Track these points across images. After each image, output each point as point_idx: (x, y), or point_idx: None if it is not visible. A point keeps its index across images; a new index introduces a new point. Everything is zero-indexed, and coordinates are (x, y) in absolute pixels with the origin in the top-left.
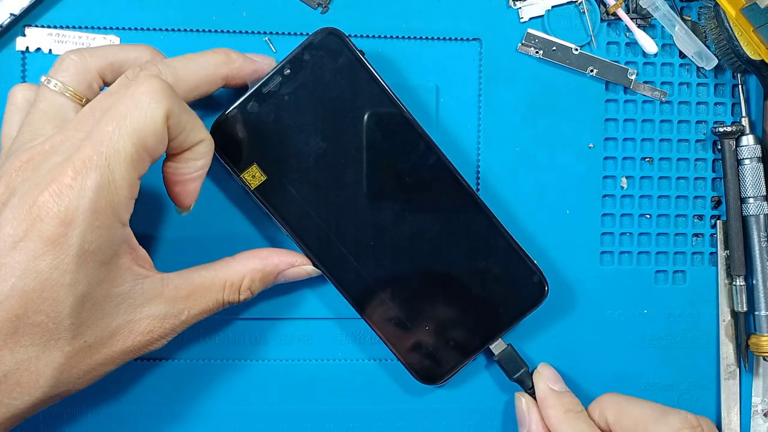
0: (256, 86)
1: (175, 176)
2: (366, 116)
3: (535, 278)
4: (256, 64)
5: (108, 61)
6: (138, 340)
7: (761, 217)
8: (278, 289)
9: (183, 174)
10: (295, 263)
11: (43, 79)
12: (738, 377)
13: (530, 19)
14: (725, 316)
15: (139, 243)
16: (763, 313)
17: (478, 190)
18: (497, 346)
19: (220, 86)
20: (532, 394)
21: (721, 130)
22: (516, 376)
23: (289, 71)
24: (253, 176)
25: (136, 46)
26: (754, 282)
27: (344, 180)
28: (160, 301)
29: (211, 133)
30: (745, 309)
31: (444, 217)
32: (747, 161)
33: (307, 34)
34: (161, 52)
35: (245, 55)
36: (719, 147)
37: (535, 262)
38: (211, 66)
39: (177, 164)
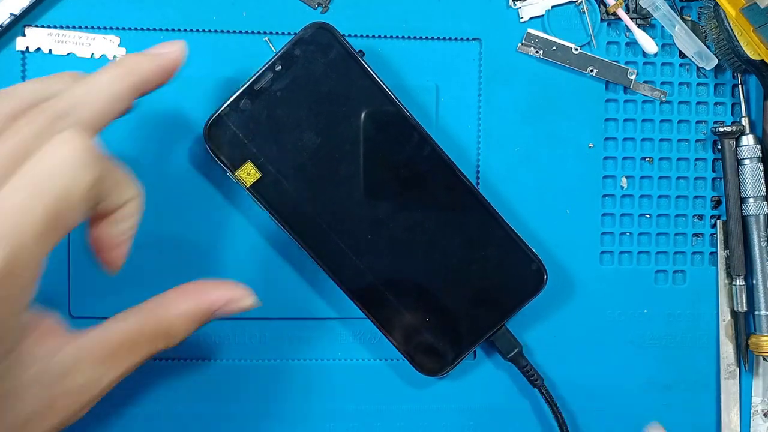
0: (248, 83)
1: (101, 241)
2: (359, 110)
3: (534, 266)
4: (161, 57)
5: (26, 102)
6: (55, 421)
7: (761, 217)
8: (278, 289)
9: (109, 238)
10: (233, 298)
11: None
12: (738, 377)
13: (530, 19)
14: (725, 316)
15: (140, 243)
16: (763, 313)
17: (478, 189)
18: None
19: (136, 97)
20: (526, 373)
21: (721, 130)
22: (510, 355)
23: (280, 67)
24: (248, 174)
25: (57, 79)
26: (754, 282)
27: (340, 174)
28: (76, 372)
29: (204, 132)
30: (745, 309)
31: (440, 208)
32: (747, 161)
33: None
34: (84, 78)
35: (144, 52)
36: (719, 147)
37: (534, 250)
38: (115, 83)
39: (102, 229)
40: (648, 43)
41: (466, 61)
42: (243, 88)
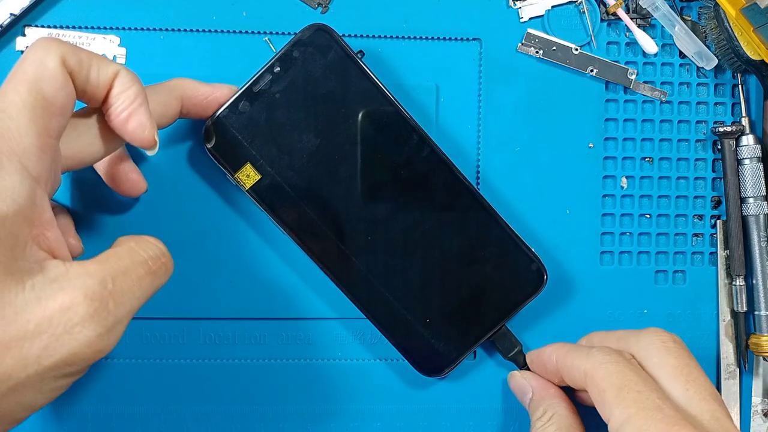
0: (247, 85)
1: (119, 116)
2: (358, 111)
3: (534, 266)
4: (212, 86)
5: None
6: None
7: (761, 217)
8: (278, 289)
9: (123, 109)
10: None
11: None
12: (738, 377)
13: (530, 19)
14: (725, 316)
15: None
16: (763, 313)
17: (478, 189)
18: None
19: (178, 112)
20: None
21: (721, 130)
22: (511, 354)
23: (278, 69)
24: (248, 176)
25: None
26: (754, 282)
27: (339, 176)
28: (69, 287)
29: (203, 133)
30: (745, 309)
31: (439, 208)
32: (747, 161)
33: None
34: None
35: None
36: (719, 147)
37: (534, 250)
38: (164, 91)
39: (112, 105)
40: (648, 43)
41: (466, 61)
42: (241, 90)
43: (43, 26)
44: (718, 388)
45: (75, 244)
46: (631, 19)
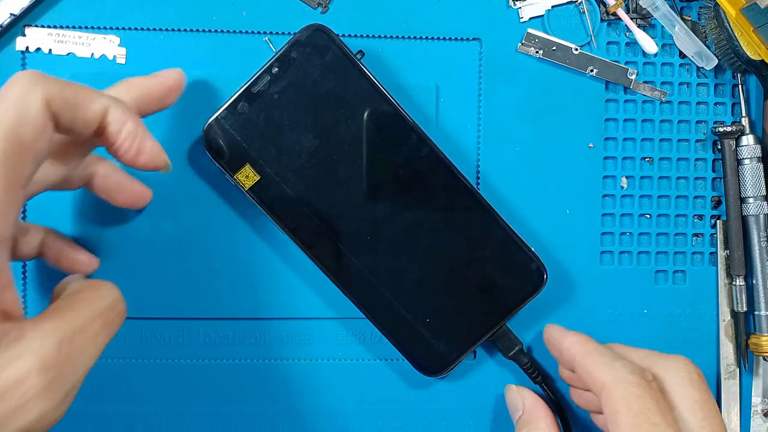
0: (245, 86)
1: (127, 154)
2: (357, 111)
3: (534, 266)
4: (159, 77)
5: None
6: None
7: (761, 217)
8: (278, 289)
9: (129, 147)
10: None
11: None
12: (738, 377)
13: (530, 18)
14: (725, 316)
15: (140, 244)
16: (763, 313)
17: (477, 189)
18: None
19: (140, 110)
20: (527, 370)
21: (721, 130)
22: (511, 353)
23: (277, 69)
24: (247, 176)
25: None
26: (754, 282)
27: (338, 176)
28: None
29: (203, 134)
30: (745, 309)
31: (439, 208)
32: (747, 161)
33: None
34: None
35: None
36: (719, 147)
37: (534, 250)
38: (120, 92)
39: (117, 146)
40: (648, 43)
41: (466, 61)
42: (240, 91)
43: (43, 26)
44: (718, 388)
45: (86, 261)
46: (631, 19)
